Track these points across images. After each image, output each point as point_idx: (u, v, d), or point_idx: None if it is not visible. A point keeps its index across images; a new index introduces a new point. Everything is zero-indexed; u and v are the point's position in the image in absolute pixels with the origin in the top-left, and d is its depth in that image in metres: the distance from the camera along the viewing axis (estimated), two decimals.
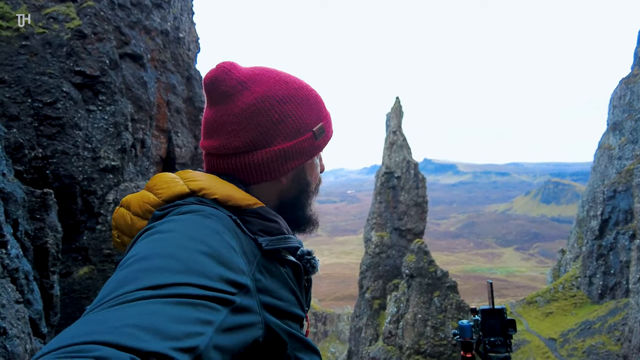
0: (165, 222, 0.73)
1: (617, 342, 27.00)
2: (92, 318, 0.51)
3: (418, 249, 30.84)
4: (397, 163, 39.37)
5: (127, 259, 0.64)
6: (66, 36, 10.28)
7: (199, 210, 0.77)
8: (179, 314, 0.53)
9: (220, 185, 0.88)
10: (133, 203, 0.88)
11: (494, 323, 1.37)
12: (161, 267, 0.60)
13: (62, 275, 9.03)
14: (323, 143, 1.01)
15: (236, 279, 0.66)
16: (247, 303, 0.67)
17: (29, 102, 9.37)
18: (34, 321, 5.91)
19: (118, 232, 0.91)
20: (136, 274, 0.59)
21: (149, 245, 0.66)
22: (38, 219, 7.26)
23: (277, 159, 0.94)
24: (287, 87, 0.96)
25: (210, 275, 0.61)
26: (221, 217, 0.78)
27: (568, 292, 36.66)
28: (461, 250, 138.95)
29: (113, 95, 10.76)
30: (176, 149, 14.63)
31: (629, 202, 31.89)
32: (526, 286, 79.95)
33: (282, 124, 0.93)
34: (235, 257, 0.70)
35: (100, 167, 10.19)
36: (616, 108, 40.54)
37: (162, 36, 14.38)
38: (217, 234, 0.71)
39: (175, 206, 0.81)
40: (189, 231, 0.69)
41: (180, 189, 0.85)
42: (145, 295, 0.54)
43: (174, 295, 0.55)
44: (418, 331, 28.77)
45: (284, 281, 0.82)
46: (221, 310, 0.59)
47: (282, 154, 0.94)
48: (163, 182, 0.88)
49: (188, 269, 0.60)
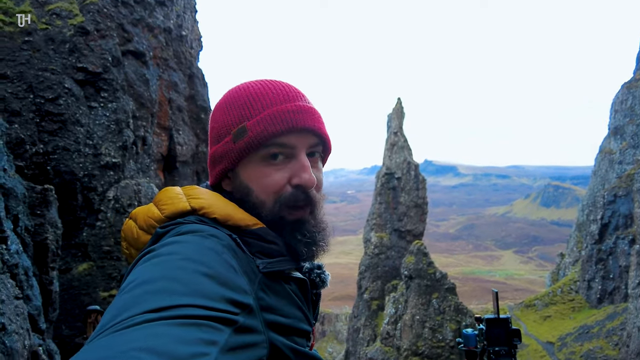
0: (165, 244, 0.74)
1: (615, 347, 27.00)
2: (99, 344, 0.51)
3: (417, 251, 30.83)
4: (398, 164, 39.37)
5: (128, 282, 0.65)
6: (69, 32, 10.27)
7: (198, 231, 0.77)
8: (184, 335, 0.53)
9: (221, 204, 0.87)
10: (139, 217, 0.89)
11: (498, 332, 1.36)
12: (163, 289, 0.60)
13: (62, 271, 9.03)
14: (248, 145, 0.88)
15: (239, 298, 0.66)
16: (250, 323, 0.67)
17: (30, 97, 9.36)
18: (33, 317, 5.90)
19: (127, 243, 0.92)
20: (139, 297, 0.59)
21: (150, 269, 0.66)
22: (38, 214, 7.25)
23: (210, 164, 0.98)
24: (231, 94, 0.95)
25: (213, 296, 0.62)
26: (221, 237, 0.77)
27: (566, 296, 36.65)
28: (460, 252, 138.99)
29: (115, 92, 10.76)
30: (177, 146, 14.62)
31: (629, 207, 31.88)
32: (525, 289, 79.97)
33: (213, 131, 0.97)
34: (237, 277, 0.70)
35: (101, 163, 10.18)
36: (618, 112, 40.52)
37: (165, 34, 14.38)
38: (217, 254, 0.71)
39: (176, 224, 0.81)
40: (188, 253, 0.69)
41: (182, 207, 0.85)
42: (149, 319, 0.54)
43: (177, 317, 0.55)
44: (416, 332, 28.77)
45: (288, 297, 0.82)
46: (225, 330, 0.59)
47: (210, 159, 0.98)
48: (168, 197, 0.89)
49: (190, 290, 0.61)
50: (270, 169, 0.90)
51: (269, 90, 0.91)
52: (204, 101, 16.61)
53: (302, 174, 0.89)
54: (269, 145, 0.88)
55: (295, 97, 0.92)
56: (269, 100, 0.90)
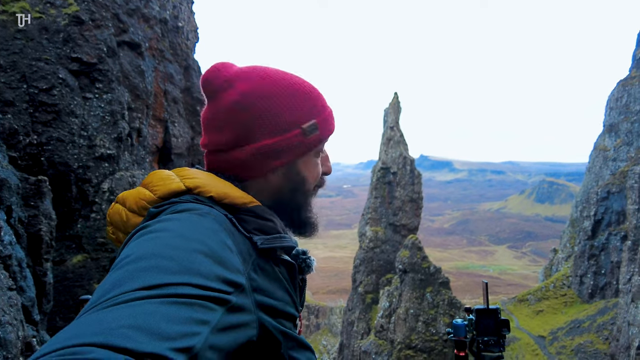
0: (160, 220, 0.73)
1: (605, 341, 27.39)
2: (87, 319, 0.50)
3: (412, 245, 31.00)
4: (394, 159, 39.43)
5: (121, 259, 0.64)
6: (63, 22, 10.15)
7: (194, 209, 0.77)
8: (175, 314, 0.52)
9: (217, 183, 0.88)
10: (129, 199, 0.87)
11: (488, 323, 1.38)
12: (156, 266, 0.59)
13: (56, 263, 9.01)
14: (314, 141, 0.97)
15: (232, 278, 0.65)
16: (242, 302, 0.67)
17: (24, 87, 9.27)
18: (26, 308, 5.90)
19: (113, 227, 0.90)
20: (131, 274, 0.58)
21: (144, 245, 0.65)
22: (32, 206, 7.22)
23: (259, 156, 0.93)
24: (273, 83, 0.95)
25: (206, 274, 0.61)
26: (217, 216, 0.77)
27: (559, 291, 37.05)
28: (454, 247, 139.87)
29: (110, 83, 10.67)
30: (172, 138, 14.55)
31: (622, 204, 32.17)
32: (518, 284, 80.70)
33: (264, 120, 0.93)
34: (231, 256, 0.70)
35: (95, 155, 10.12)
36: (613, 110, 40.73)
37: (161, 25, 14.25)
38: (213, 232, 0.71)
39: (171, 204, 0.80)
40: (184, 230, 0.68)
41: (177, 186, 0.84)
42: (140, 296, 0.53)
43: (170, 295, 0.55)
44: (410, 326, 29.01)
45: (278, 280, 0.82)
46: (217, 309, 0.59)
47: (265, 151, 0.93)
48: (159, 178, 0.88)
49: (184, 268, 0.60)
50: (317, 160, 1.03)
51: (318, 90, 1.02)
52: (200, 93, 16.50)
53: (329, 164, 1.08)
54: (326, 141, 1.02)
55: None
56: (324, 101, 1.02)
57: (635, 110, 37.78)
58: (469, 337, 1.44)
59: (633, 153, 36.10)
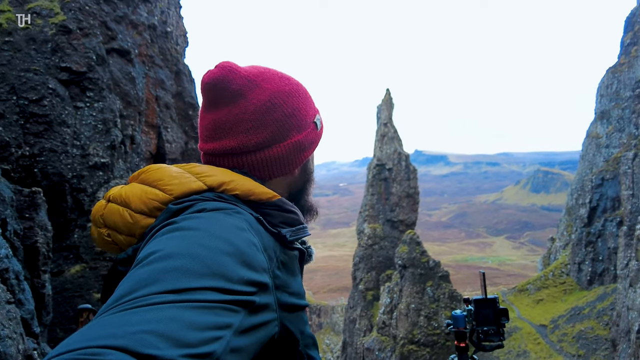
0: (188, 218, 0.72)
1: (606, 327, 27.60)
2: (109, 321, 0.50)
3: (410, 240, 31.07)
4: (389, 155, 39.49)
5: (147, 254, 0.63)
6: (51, 31, 10.09)
7: (222, 208, 0.76)
8: (198, 320, 0.52)
9: (240, 179, 0.86)
10: (134, 199, 0.82)
11: (487, 312, 1.38)
12: (183, 268, 0.59)
13: (54, 274, 8.95)
14: (321, 132, 1.07)
15: (257, 278, 0.66)
16: (265, 301, 0.67)
17: (14, 99, 9.20)
18: (26, 321, 5.86)
19: (109, 230, 0.85)
20: (157, 274, 0.58)
21: (171, 243, 0.65)
22: (27, 218, 7.17)
23: (293, 152, 0.97)
24: (289, 83, 1.00)
25: (232, 278, 0.61)
26: (244, 214, 0.77)
27: (558, 279, 37.28)
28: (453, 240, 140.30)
29: (101, 92, 10.61)
30: (166, 144, 14.50)
31: (617, 190, 32.41)
32: (517, 274, 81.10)
33: (294, 118, 0.97)
34: (258, 255, 0.70)
35: (89, 164, 10.07)
36: (603, 97, 41.00)
37: (150, 30, 14.18)
38: (240, 231, 0.71)
39: (194, 201, 0.78)
40: (212, 229, 0.68)
41: (197, 186, 0.82)
42: (164, 300, 0.53)
43: (194, 301, 0.55)
44: (412, 321, 29.09)
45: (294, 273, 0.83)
46: (240, 311, 0.59)
47: (297, 146, 0.98)
48: (170, 176, 0.84)
49: (210, 271, 0.60)
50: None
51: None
52: (192, 98, 16.46)
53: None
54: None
55: None
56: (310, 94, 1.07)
57: (625, 97, 38.05)
58: (468, 327, 1.44)
59: (625, 139, 36.37)
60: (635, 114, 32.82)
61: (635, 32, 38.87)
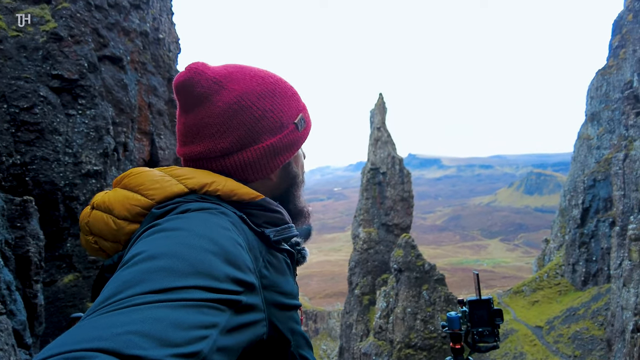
0: (172, 219, 0.71)
1: (601, 327, 27.74)
2: (94, 323, 0.50)
3: (405, 244, 31.11)
4: (382, 159, 39.61)
5: (131, 256, 0.62)
6: (42, 39, 10.03)
7: (206, 208, 0.75)
8: (183, 319, 0.52)
9: (222, 180, 0.85)
10: (117, 206, 0.81)
11: (481, 313, 1.38)
12: (167, 268, 0.58)
13: (46, 284, 8.84)
14: (305, 133, 1.01)
15: (243, 277, 0.65)
16: (252, 301, 0.66)
17: (4, 107, 9.12)
18: (18, 332, 5.77)
19: (96, 237, 0.84)
20: (141, 275, 0.57)
21: (155, 244, 0.64)
22: (19, 227, 7.08)
23: (265, 156, 0.92)
24: (263, 82, 0.94)
25: (218, 276, 0.60)
26: (228, 214, 0.76)
27: (553, 280, 37.46)
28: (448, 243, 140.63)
29: (93, 99, 10.55)
30: (159, 151, 14.43)
31: (608, 191, 32.72)
32: (512, 276, 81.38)
33: (265, 120, 0.91)
34: (243, 254, 0.69)
35: (82, 172, 9.99)
36: (593, 99, 41.49)
37: (142, 37, 14.16)
38: (225, 230, 0.70)
39: (177, 204, 0.77)
40: (196, 229, 0.67)
41: (178, 189, 0.80)
42: (149, 300, 0.53)
43: (179, 300, 0.54)
44: (408, 325, 29.05)
45: (284, 273, 0.82)
46: (226, 310, 0.59)
47: (270, 150, 0.92)
48: (152, 181, 0.82)
49: (194, 270, 0.59)
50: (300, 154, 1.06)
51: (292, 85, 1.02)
52: None
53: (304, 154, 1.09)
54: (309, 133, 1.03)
55: None
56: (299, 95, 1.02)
57: (614, 99, 38.55)
58: (463, 329, 1.44)
59: (615, 140, 36.79)
60: (624, 116, 33.23)
61: (623, 34, 39.46)
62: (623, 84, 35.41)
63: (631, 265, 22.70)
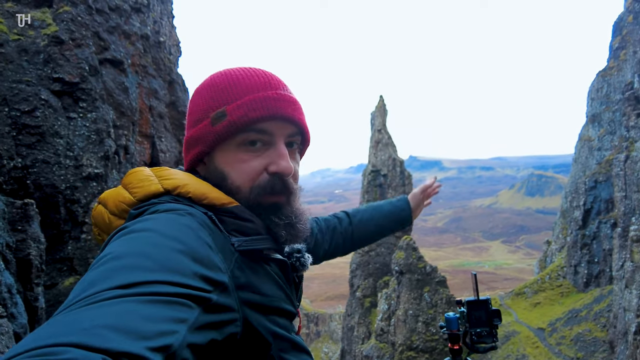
0: (140, 221, 0.72)
1: (603, 329, 27.63)
2: (62, 319, 0.49)
3: (406, 246, 31.06)
4: (383, 161, 39.60)
5: (99, 258, 0.63)
6: (43, 42, 10.07)
7: (174, 209, 0.76)
8: (152, 313, 0.52)
9: (195, 183, 0.86)
10: (110, 201, 0.86)
11: (479, 314, 1.38)
12: (133, 265, 0.58)
13: (47, 287, 8.84)
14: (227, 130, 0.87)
15: (212, 276, 0.65)
16: (224, 301, 0.66)
17: (5, 110, 9.15)
18: (18, 336, 5.77)
19: (98, 229, 0.90)
20: (108, 273, 0.57)
21: (122, 245, 0.64)
22: (20, 230, 7.09)
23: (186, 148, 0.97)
24: (211, 78, 0.92)
25: (185, 272, 0.60)
26: (196, 215, 0.76)
27: (554, 282, 37.35)
28: (449, 245, 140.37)
29: (94, 102, 10.58)
30: (160, 154, 14.45)
31: (610, 192, 32.65)
32: (514, 278, 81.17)
33: (191, 115, 0.95)
34: (211, 254, 0.69)
35: (83, 175, 10.01)
36: (594, 100, 41.46)
37: (143, 40, 14.20)
38: (193, 231, 0.70)
39: (151, 205, 0.79)
40: (163, 229, 0.67)
41: (155, 188, 0.83)
42: (116, 295, 0.52)
43: (147, 294, 0.54)
44: (410, 327, 28.97)
45: (269, 277, 0.82)
46: (195, 307, 0.58)
47: (186, 144, 0.96)
48: (138, 180, 0.86)
49: (161, 266, 0.59)
50: (248, 155, 0.89)
51: (251, 76, 0.90)
52: (185, 107, 16.47)
53: (280, 162, 0.88)
54: (248, 131, 0.87)
55: (277, 86, 0.91)
56: (251, 86, 0.88)
57: (615, 100, 38.51)
58: (461, 329, 1.44)
59: (617, 142, 36.73)
60: (625, 117, 33.19)
61: (623, 36, 39.47)
62: (624, 86, 35.38)
63: (633, 267, 22.62)
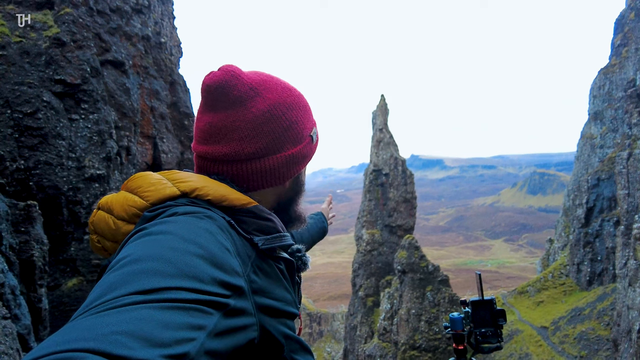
0: (158, 223, 0.72)
1: (607, 327, 27.55)
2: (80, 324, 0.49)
3: (409, 245, 31.03)
4: (385, 160, 39.57)
5: (117, 260, 0.63)
6: (44, 44, 10.09)
7: (193, 212, 0.76)
8: (170, 320, 0.52)
9: (214, 185, 0.86)
10: (116, 207, 0.84)
11: (484, 314, 1.38)
12: (153, 270, 0.58)
13: (50, 288, 8.86)
14: (316, 146, 1.06)
15: (230, 281, 0.65)
16: (241, 305, 0.66)
17: (8, 113, 9.17)
18: (22, 336, 5.79)
19: (98, 236, 0.87)
20: (127, 277, 0.57)
21: (141, 247, 0.64)
22: (23, 231, 7.11)
23: (286, 164, 0.97)
24: (291, 94, 0.99)
25: (203, 278, 0.60)
26: (215, 219, 0.77)
27: (557, 280, 37.26)
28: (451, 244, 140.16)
29: (96, 103, 10.60)
30: (162, 154, 14.47)
31: (612, 190, 32.56)
32: (517, 277, 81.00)
33: (291, 131, 0.96)
34: (230, 258, 0.69)
35: (85, 176, 10.03)
36: (596, 98, 41.34)
37: (144, 42, 14.22)
38: (211, 235, 0.70)
39: (167, 207, 0.79)
40: (182, 233, 0.67)
41: (171, 192, 0.82)
42: (135, 301, 0.53)
43: (165, 300, 0.54)
44: (412, 326, 28.95)
45: (278, 280, 0.82)
46: (214, 313, 0.58)
47: (291, 159, 0.97)
48: (149, 183, 0.85)
49: (180, 272, 0.59)
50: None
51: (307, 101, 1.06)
52: (187, 107, 16.47)
53: None
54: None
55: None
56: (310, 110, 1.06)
57: (617, 97, 38.39)
58: (466, 330, 1.44)
59: (619, 139, 36.61)
60: (627, 114, 33.07)
61: (625, 33, 39.33)
62: (626, 83, 35.26)
63: (637, 265, 22.55)
